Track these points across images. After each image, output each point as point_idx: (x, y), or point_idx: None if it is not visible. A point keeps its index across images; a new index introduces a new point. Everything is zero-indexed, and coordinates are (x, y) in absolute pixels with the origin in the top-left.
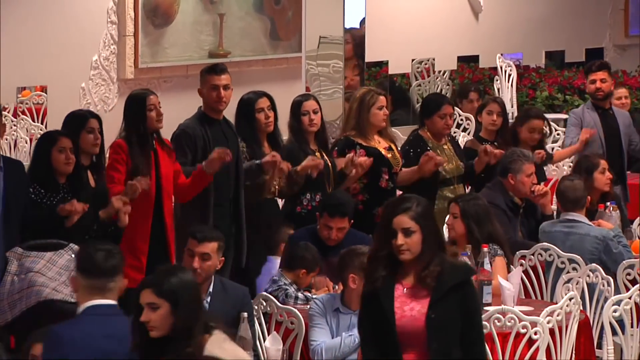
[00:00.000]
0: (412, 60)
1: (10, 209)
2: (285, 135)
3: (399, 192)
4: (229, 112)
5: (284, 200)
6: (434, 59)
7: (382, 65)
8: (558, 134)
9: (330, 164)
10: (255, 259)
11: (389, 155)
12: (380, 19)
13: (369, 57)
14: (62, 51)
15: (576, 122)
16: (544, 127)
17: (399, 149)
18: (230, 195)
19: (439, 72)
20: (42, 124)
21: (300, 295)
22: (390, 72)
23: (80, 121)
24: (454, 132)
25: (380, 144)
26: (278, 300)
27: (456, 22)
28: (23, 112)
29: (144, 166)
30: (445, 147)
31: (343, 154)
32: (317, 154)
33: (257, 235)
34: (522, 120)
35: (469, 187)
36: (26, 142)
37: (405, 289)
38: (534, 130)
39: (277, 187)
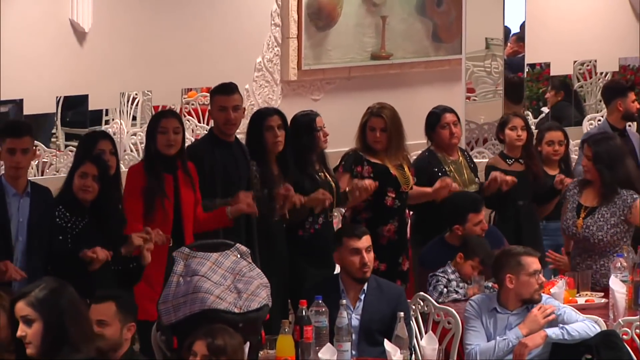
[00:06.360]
0: (574, 62)
1: (34, 238)
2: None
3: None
4: None
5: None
6: (595, 61)
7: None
8: None
9: (333, 184)
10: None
11: (398, 174)
12: (540, 20)
13: (530, 58)
14: (227, 53)
15: None
16: (564, 138)
17: (411, 165)
18: (242, 221)
19: (601, 73)
20: (207, 124)
21: (445, 290)
22: (551, 74)
23: (90, 143)
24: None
25: (389, 163)
26: (429, 288)
27: (617, 23)
28: (189, 113)
29: (158, 190)
30: (459, 161)
31: (350, 169)
32: (322, 174)
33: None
34: (540, 137)
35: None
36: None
37: None
38: (552, 142)
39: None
